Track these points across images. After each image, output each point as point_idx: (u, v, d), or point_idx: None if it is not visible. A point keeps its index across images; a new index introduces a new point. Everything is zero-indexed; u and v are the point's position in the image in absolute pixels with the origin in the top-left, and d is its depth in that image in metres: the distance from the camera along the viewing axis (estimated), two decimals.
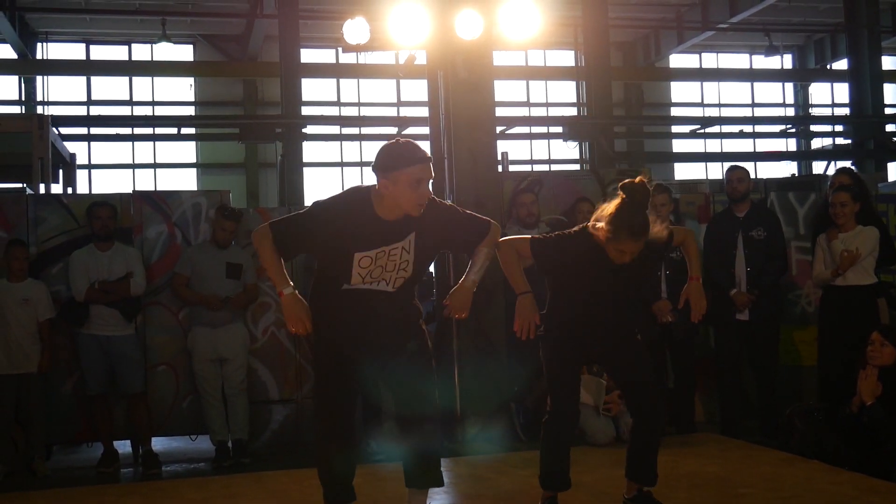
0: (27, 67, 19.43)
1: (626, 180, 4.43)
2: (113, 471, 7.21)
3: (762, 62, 22.34)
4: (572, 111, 19.83)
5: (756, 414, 7.58)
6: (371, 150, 12.71)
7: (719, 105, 23.10)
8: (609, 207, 4.40)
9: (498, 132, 8.18)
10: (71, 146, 12.81)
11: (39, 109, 18.90)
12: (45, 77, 20.06)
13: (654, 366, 6.76)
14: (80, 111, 19.78)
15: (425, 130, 9.20)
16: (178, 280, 7.45)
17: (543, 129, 17.74)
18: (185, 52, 20.57)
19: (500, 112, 8.56)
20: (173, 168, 20.60)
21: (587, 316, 4.61)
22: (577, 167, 16.72)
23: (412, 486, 4.40)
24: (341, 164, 20.12)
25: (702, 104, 23.09)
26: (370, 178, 4.30)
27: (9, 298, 7.08)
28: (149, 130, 18.19)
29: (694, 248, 4.83)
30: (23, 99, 19.94)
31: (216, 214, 7.53)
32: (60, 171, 11.64)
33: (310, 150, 16.56)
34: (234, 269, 7.42)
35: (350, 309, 4.26)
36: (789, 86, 23.69)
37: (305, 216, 4.26)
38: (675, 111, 22.62)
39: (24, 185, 10.48)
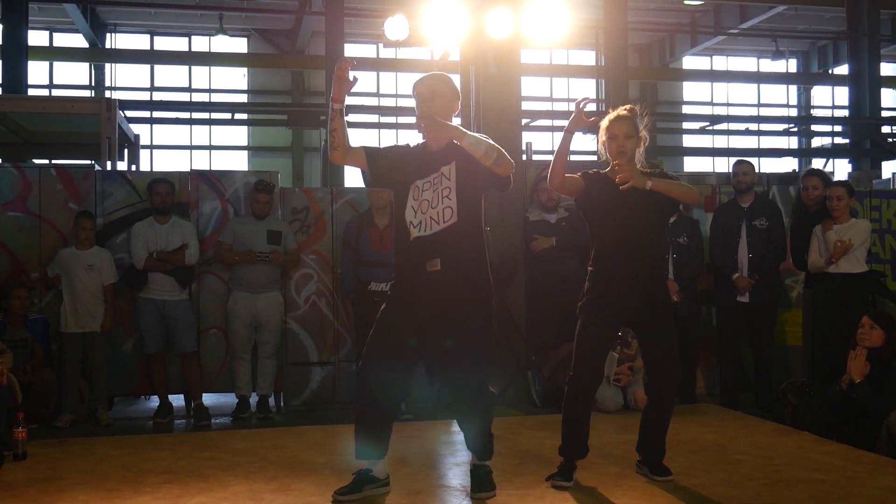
0: (97, 56, 19.61)
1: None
2: (167, 421, 7.30)
3: (769, 65, 22.17)
4: (591, 107, 19.72)
5: (753, 388, 7.55)
6: (406, 138, 12.66)
7: (727, 104, 22.95)
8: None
9: (523, 124, 8.14)
10: (135, 128, 12.87)
11: (107, 94, 19.10)
12: (113, 64, 20.23)
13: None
14: (144, 96, 19.96)
15: (457, 121, 9.18)
16: (222, 248, 7.48)
17: (564, 123, 17.63)
18: (239, 45, 20.68)
19: (526, 106, 8.51)
20: (227, 150, 20.76)
21: (622, 264, 4.44)
22: (594, 158, 16.64)
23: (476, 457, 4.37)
24: None
25: (711, 103, 22.95)
26: None
27: (76, 264, 7.15)
28: (205, 115, 18.30)
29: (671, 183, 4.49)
30: (93, 84, 20.15)
31: (252, 189, 7.58)
32: (126, 150, 11.69)
33: (350, 137, 16.51)
34: (275, 235, 7.45)
35: (410, 267, 4.18)
36: (793, 88, 23.48)
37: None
38: (686, 109, 22.48)
39: (93, 162, 10.57)
